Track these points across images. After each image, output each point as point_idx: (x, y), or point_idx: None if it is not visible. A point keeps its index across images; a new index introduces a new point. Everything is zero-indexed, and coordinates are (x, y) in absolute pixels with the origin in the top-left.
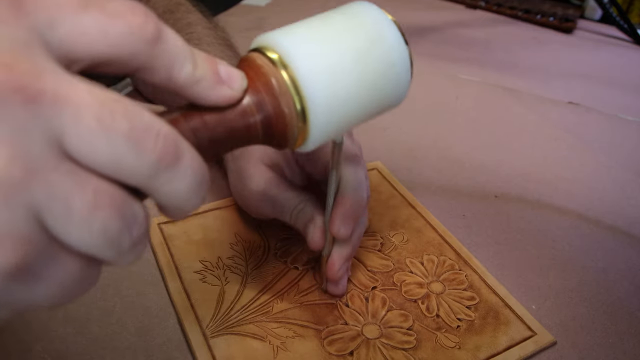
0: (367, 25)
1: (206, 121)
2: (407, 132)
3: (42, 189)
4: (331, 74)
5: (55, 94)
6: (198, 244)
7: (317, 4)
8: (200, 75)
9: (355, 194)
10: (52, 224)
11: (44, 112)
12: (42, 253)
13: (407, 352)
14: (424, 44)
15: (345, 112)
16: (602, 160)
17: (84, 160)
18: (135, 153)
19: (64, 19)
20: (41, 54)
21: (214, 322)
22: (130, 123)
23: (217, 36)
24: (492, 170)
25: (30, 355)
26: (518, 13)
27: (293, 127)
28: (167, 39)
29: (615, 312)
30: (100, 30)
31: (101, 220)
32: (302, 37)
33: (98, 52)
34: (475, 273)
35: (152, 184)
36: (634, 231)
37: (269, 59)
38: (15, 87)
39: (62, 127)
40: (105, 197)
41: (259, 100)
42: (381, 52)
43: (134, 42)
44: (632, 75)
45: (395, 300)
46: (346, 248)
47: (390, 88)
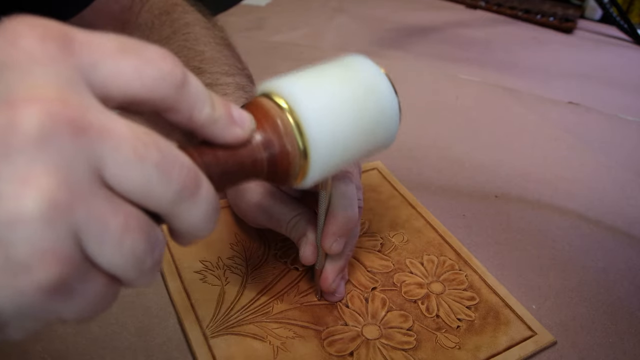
0: (362, 76)
1: (218, 157)
2: (407, 132)
3: (83, 212)
4: (330, 119)
5: (100, 128)
6: (198, 244)
7: (317, 4)
8: (217, 117)
9: (345, 212)
10: (88, 244)
11: (89, 143)
12: (77, 271)
13: (407, 353)
14: (424, 44)
15: (341, 152)
16: (602, 160)
17: (118, 187)
18: (164, 181)
19: (105, 61)
20: (85, 91)
21: (214, 322)
22: (161, 154)
23: (215, 36)
24: (492, 170)
25: (30, 355)
26: (518, 13)
27: (295, 164)
28: (191, 84)
29: (615, 312)
30: (135, 73)
31: (131, 242)
32: (306, 85)
33: (132, 92)
34: (476, 273)
35: (174, 210)
36: (634, 231)
37: (276, 103)
38: (68, 119)
39: (104, 157)
40: (135, 221)
41: (266, 140)
42: (374, 101)
43: (164, 86)
44: (632, 75)
45: (395, 300)
46: (339, 261)
47: (381, 131)
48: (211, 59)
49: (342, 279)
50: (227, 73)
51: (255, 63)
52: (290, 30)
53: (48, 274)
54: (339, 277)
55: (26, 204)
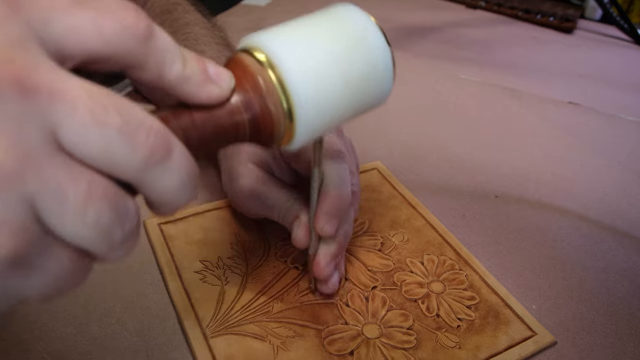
0: (350, 27)
1: (195, 119)
2: (407, 132)
3: (37, 180)
4: (317, 74)
5: (51, 88)
6: (198, 244)
7: (317, 4)
8: (189, 73)
9: (338, 191)
10: (47, 214)
11: (39, 105)
12: (36, 243)
13: (407, 352)
14: (424, 44)
15: (330, 110)
16: (602, 160)
17: (78, 153)
18: (128, 147)
19: (58, 16)
20: (37, 50)
21: (214, 321)
22: (123, 118)
23: (215, 36)
24: (492, 170)
25: (30, 355)
26: (518, 13)
27: (280, 125)
28: (158, 37)
29: (615, 312)
30: (93, 27)
31: (94, 212)
32: (288, 38)
33: (91, 48)
34: (476, 273)
35: (144, 179)
36: (634, 231)
37: (257, 59)
38: (13, 80)
39: (57, 120)
40: (99, 190)
41: (247, 100)
42: (364, 53)
43: (126, 39)
44: (632, 75)
45: (396, 300)
46: (332, 246)
47: (373, 87)
48: (211, 59)
49: (336, 270)
50: None
51: None
52: None
53: (2, 247)
54: (332, 264)
55: None
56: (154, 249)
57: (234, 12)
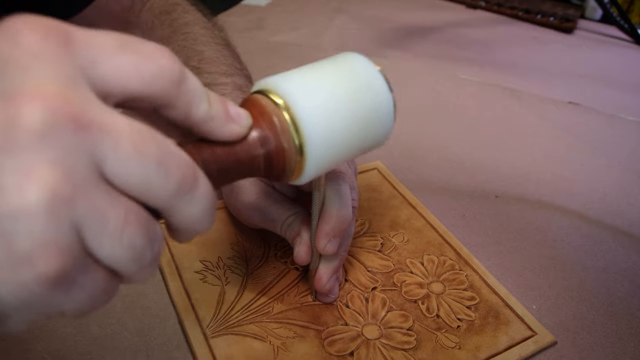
0: (357, 74)
1: (216, 153)
2: (407, 132)
3: (85, 206)
4: (326, 116)
5: (100, 123)
6: (198, 244)
7: (317, 4)
8: (214, 114)
9: (339, 212)
10: (89, 237)
11: (90, 139)
12: (78, 264)
13: (407, 353)
14: (424, 44)
15: (337, 148)
16: (602, 160)
17: (118, 182)
18: (163, 176)
19: (105, 58)
20: (86, 88)
21: (214, 322)
22: (160, 150)
23: (214, 36)
24: (492, 170)
25: (31, 355)
26: (518, 13)
27: (291, 160)
28: (189, 80)
29: (615, 312)
30: (134, 70)
31: (130, 235)
32: (301, 83)
33: (132, 88)
34: (476, 273)
35: (172, 206)
36: (634, 231)
37: (272, 101)
38: (70, 115)
39: (104, 152)
40: (134, 216)
41: (263, 137)
42: (369, 98)
43: (163, 82)
44: (632, 75)
45: (396, 300)
46: (332, 262)
47: (376, 128)
48: (210, 59)
49: (336, 280)
50: (225, 73)
51: (255, 63)
52: (290, 30)
53: (50, 266)
54: (333, 278)
55: (29, 197)
56: None
57: (234, 12)
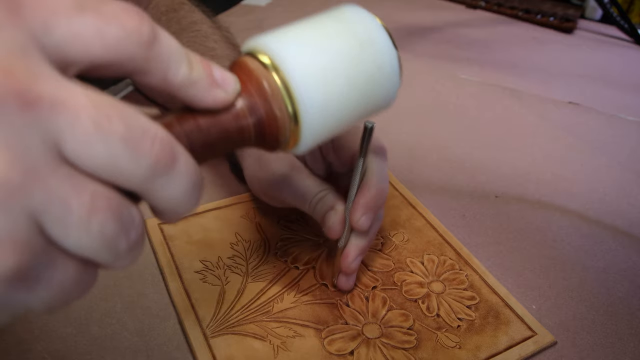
0: (356, 28)
1: (200, 124)
2: (407, 132)
3: (41, 193)
4: (322, 77)
5: (53, 99)
6: (198, 244)
7: (317, 4)
8: (195, 78)
9: (379, 185)
10: (51, 227)
11: (41, 117)
12: (41, 257)
13: (408, 352)
14: (424, 44)
15: (336, 114)
16: (602, 160)
17: (81, 164)
18: (132, 156)
19: (59, 22)
20: (38, 58)
21: (214, 321)
22: (127, 126)
23: (222, 35)
24: (492, 170)
25: (31, 355)
26: (518, 13)
27: (285, 129)
28: (162, 41)
29: (615, 312)
30: (95, 33)
31: (99, 223)
32: (293, 40)
33: (94, 55)
34: (476, 273)
35: (148, 188)
36: (634, 231)
37: (261, 62)
38: (13, 91)
39: (60, 131)
40: (103, 201)
41: (252, 104)
42: (370, 55)
43: (130, 45)
44: (632, 75)
45: (396, 299)
46: (363, 240)
47: (379, 90)
48: (223, 56)
49: (358, 266)
50: None
51: None
52: None
53: (5, 263)
54: (359, 259)
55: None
56: (154, 249)
57: (234, 12)
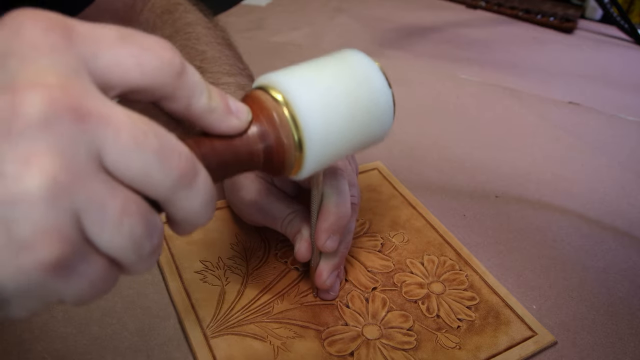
0: (356, 69)
1: (215, 147)
2: (407, 132)
3: (84, 194)
4: (325, 111)
5: (100, 115)
6: (198, 244)
7: (317, 4)
8: (214, 107)
9: (337, 209)
10: (88, 225)
11: (90, 129)
12: (78, 251)
13: (408, 353)
14: (424, 44)
15: (336, 144)
16: (602, 160)
17: (118, 173)
18: (162, 168)
19: (105, 50)
20: (87, 79)
21: (214, 322)
22: (160, 142)
23: (216, 35)
24: (493, 170)
25: (31, 355)
26: (518, 13)
27: (291, 155)
28: (189, 73)
29: (615, 312)
30: (135, 62)
31: (129, 225)
32: (300, 79)
33: (132, 81)
34: (476, 273)
35: (172, 198)
36: (634, 231)
37: (272, 97)
38: (69, 106)
39: (103, 142)
40: (133, 206)
41: (262, 131)
42: (368, 93)
43: (163, 74)
44: (632, 75)
45: (396, 300)
46: (333, 259)
47: (375, 124)
48: (212, 58)
49: (337, 277)
50: (228, 73)
51: (255, 63)
52: (290, 30)
53: (49, 252)
54: (334, 275)
55: (29, 184)
56: None
57: (234, 12)
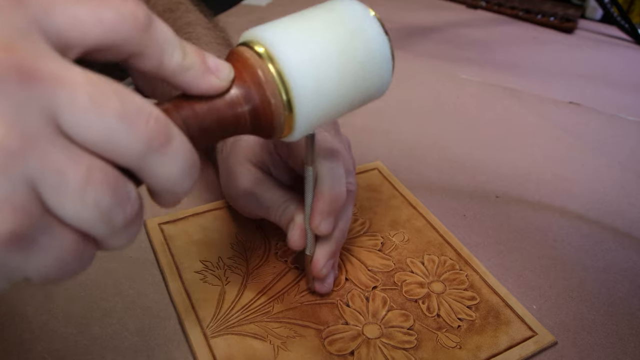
0: (347, 18)
1: (196, 110)
2: (407, 132)
3: (38, 161)
4: (315, 65)
5: (52, 74)
6: (198, 244)
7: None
8: (189, 64)
9: (332, 189)
10: (48, 195)
11: (40, 90)
12: (37, 223)
13: (408, 352)
14: (424, 44)
15: (329, 101)
16: (602, 160)
17: (78, 138)
18: (127, 132)
19: (59, 7)
20: (38, 39)
21: (214, 322)
22: (122, 103)
23: (216, 36)
24: (493, 170)
25: (31, 355)
26: (519, 13)
27: (279, 116)
28: (157, 27)
29: (616, 312)
30: (93, 17)
31: (94, 194)
32: (286, 31)
33: (92, 38)
34: (476, 273)
35: (144, 165)
36: (635, 231)
37: (256, 52)
38: (13, 66)
39: (58, 105)
40: (98, 173)
41: (247, 91)
42: (362, 43)
43: (126, 28)
44: (632, 75)
45: (396, 300)
46: (329, 244)
47: (372, 78)
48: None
49: (332, 269)
50: None
51: None
52: None
53: (3, 225)
54: (330, 263)
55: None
56: (155, 249)
57: (234, 12)
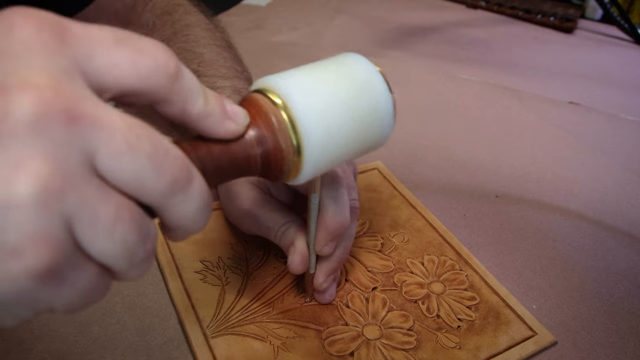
0: (357, 74)
1: (212, 152)
2: (407, 132)
3: (76, 200)
4: (324, 116)
5: (93, 117)
6: (199, 244)
7: (317, 4)
8: (210, 110)
9: (335, 216)
10: (80, 232)
11: (82, 133)
12: (70, 258)
13: (408, 353)
14: (424, 44)
15: (334, 149)
16: (602, 160)
17: (111, 178)
18: (155, 172)
19: (100, 52)
20: (80, 81)
21: (214, 322)
22: (153, 146)
23: (216, 37)
24: (493, 170)
25: (31, 355)
26: (519, 13)
27: (289, 161)
28: (185, 76)
29: (616, 312)
30: (130, 64)
31: (122, 231)
32: (299, 82)
33: (127, 83)
34: (476, 273)
35: (166, 203)
36: (635, 231)
37: (271, 100)
38: (60, 109)
39: (96, 146)
40: (126, 212)
41: (260, 136)
42: (368, 98)
43: (159, 77)
44: (632, 75)
45: (396, 300)
46: (331, 263)
47: (375, 129)
48: (210, 61)
49: (334, 281)
50: (224, 76)
51: (256, 63)
52: (290, 30)
53: (39, 260)
54: (331, 278)
55: (19, 189)
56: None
57: (234, 12)
